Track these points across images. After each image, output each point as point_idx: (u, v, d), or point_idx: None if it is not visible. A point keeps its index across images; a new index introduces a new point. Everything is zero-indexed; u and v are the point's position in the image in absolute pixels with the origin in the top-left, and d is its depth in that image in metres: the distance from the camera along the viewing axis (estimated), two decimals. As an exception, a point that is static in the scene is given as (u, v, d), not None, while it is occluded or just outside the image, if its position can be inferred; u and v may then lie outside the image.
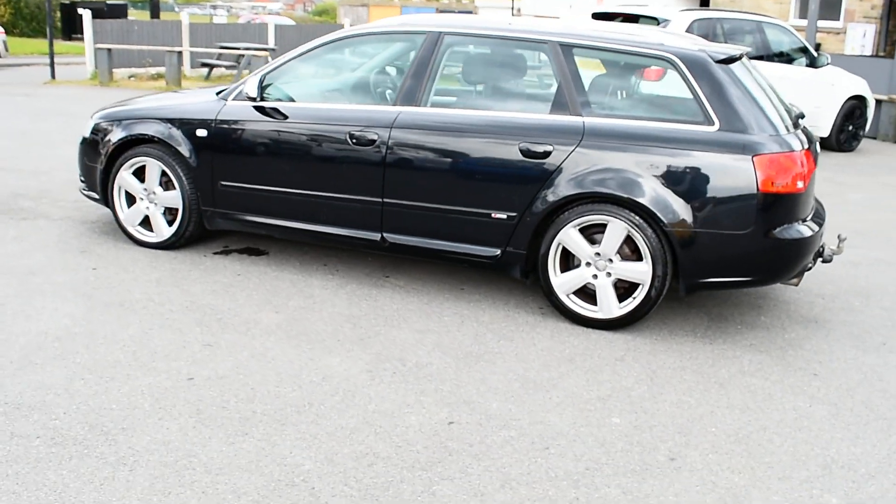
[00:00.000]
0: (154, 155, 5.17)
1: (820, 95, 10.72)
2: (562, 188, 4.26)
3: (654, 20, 10.10)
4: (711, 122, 4.12)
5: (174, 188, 5.18)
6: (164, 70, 15.22)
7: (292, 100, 4.98)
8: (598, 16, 11.04)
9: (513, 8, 29.45)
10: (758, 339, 4.35)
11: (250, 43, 16.71)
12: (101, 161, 5.35)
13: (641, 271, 4.20)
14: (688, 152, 4.11)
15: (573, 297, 4.39)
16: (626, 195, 4.14)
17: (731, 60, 4.27)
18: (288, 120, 4.83)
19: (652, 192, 4.11)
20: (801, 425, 3.47)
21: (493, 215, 4.43)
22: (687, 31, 9.92)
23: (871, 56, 17.11)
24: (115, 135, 5.28)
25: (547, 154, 4.28)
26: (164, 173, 5.19)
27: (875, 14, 18.92)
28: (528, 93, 4.64)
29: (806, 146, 4.23)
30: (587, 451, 3.17)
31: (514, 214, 4.39)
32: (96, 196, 5.52)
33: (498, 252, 4.48)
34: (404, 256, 4.86)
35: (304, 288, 4.76)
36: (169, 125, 5.13)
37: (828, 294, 5.09)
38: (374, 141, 4.58)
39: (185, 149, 5.07)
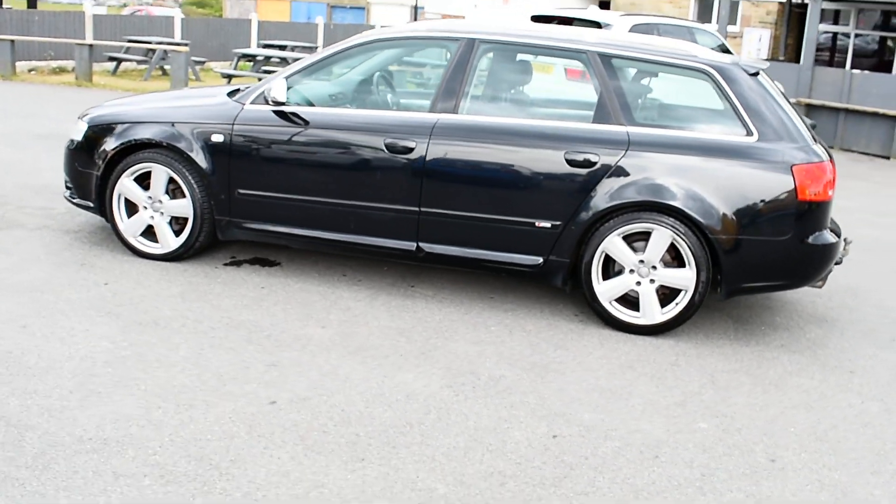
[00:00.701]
0: (161, 161, 4.89)
1: None
2: (608, 197, 4.33)
3: (597, 24, 10.36)
4: (750, 133, 4.30)
5: (182, 196, 4.92)
6: (66, 64, 14.32)
7: (313, 104, 4.84)
8: (537, 18, 11.23)
9: (416, 7, 29.45)
10: (785, 340, 4.58)
11: (158, 37, 15.96)
12: (97, 167, 5.01)
13: (686, 277, 4.34)
14: (729, 161, 4.27)
15: (615, 303, 4.48)
16: (672, 203, 4.26)
17: (758, 73, 4.48)
18: (315, 126, 4.68)
19: (696, 201, 4.25)
20: (865, 421, 3.70)
21: (536, 224, 4.46)
22: (630, 32, 10.27)
23: (781, 60, 18.11)
24: (116, 139, 4.95)
25: (593, 163, 4.34)
26: (170, 181, 4.92)
27: (770, 20, 20.15)
28: (567, 101, 4.69)
29: (829, 156, 4.49)
30: (694, 458, 3.27)
31: (558, 223, 4.43)
32: (89, 205, 5.16)
33: (541, 260, 4.52)
34: (438, 266, 4.82)
35: (337, 300, 4.63)
36: (179, 129, 4.86)
37: (823, 293, 5.41)
38: (411, 149, 4.51)
39: (198, 155, 4.82)
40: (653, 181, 4.30)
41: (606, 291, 4.46)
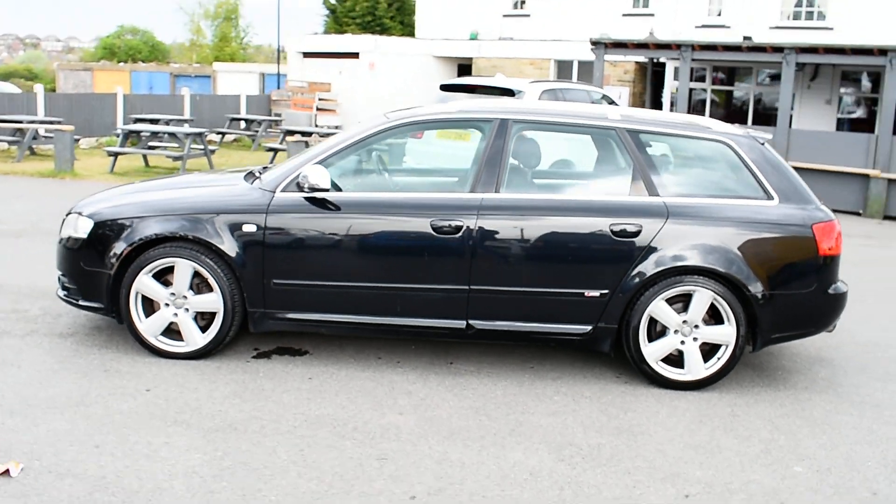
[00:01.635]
0: (186, 255, 4.67)
1: None
2: (654, 264, 4.60)
3: (510, 91, 10.85)
4: (771, 197, 4.73)
5: (208, 290, 4.72)
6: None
7: (340, 188, 4.81)
8: (446, 87, 11.59)
9: (279, 71, 29.24)
10: (806, 383, 4.99)
11: (20, 115, 14.97)
12: (110, 266, 4.71)
13: (726, 333, 4.66)
14: (758, 224, 4.67)
15: (661, 363, 4.72)
16: (712, 266, 4.59)
17: (765, 143, 4.94)
18: (357, 211, 4.66)
19: (732, 262, 4.60)
20: (920, 449, 4.11)
21: (586, 294, 4.65)
22: (539, 99, 10.83)
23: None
24: (133, 234, 4.69)
25: (637, 233, 4.61)
26: (194, 275, 4.71)
27: (628, 78, 21.71)
28: (602, 175, 4.93)
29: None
30: (813, 500, 3.51)
31: (606, 291, 4.64)
32: (96, 306, 4.84)
33: (590, 328, 4.69)
34: (480, 342, 4.87)
35: (392, 385, 4.57)
36: (203, 220, 4.68)
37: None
38: (459, 228, 4.59)
39: (227, 246, 4.65)
40: (692, 247, 4.60)
41: (653, 353, 4.70)
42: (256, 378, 4.58)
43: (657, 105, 20.15)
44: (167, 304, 4.76)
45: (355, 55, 24.21)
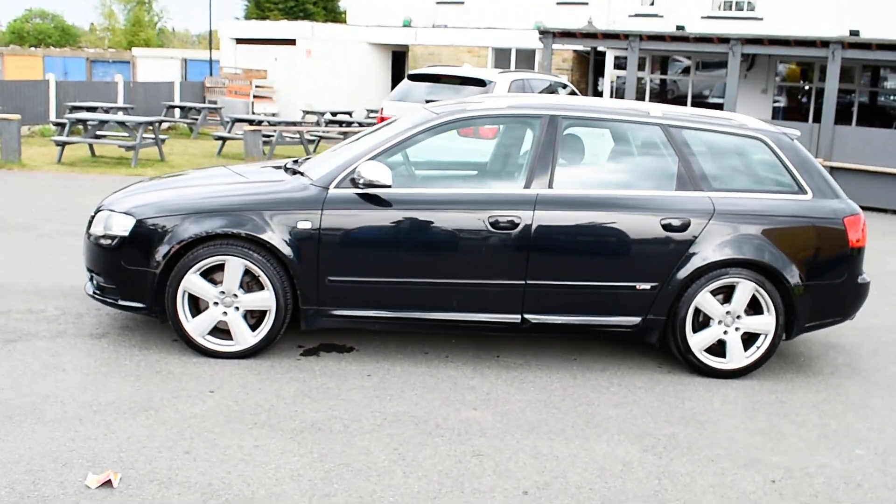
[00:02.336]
0: (237, 252, 4.57)
1: None
2: (702, 257, 4.76)
3: (481, 82, 10.92)
4: (805, 192, 4.95)
5: (259, 288, 4.63)
6: None
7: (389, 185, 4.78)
8: (414, 76, 11.56)
9: (211, 57, 28.37)
10: (831, 367, 5.24)
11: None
12: (155, 264, 4.56)
13: (767, 323, 4.87)
14: (795, 218, 4.88)
15: (704, 353, 4.89)
16: (755, 259, 4.78)
17: (794, 139, 5.16)
18: (414, 207, 4.65)
19: (773, 255, 4.80)
20: (957, 428, 4.41)
21: (637, 287, 4.77)
22: (509, 90, 10.94)
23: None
24: (181, 232, 4.56)
25: (686, 227, 4.75)
26: (245, 272, 4.61)
27: (566, 66, 22.01)
28: (648, 171, 5.03)
29: None
30: (887, 482, 3.74)
31: (656, 284, 4.78)
32: (137, 306, 4.68)
33: (639, 320, 4.82)
34: (537, 336, 4.95)
35: (454, 381, 4.59)
36: (254, 217, 4.58)
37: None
38: (516, 224, 4.64)
39: (281, 243, 4.57)
40: (736, 240, 4.78)
41: (699, 343, 4.86)
42: (315, 376, 4.52)
43: (596, 94, 20.56)
44: (216, 303, 4.65)
45: (292, 42, 23.78)
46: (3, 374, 4.30)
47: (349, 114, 20.57)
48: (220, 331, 4.71)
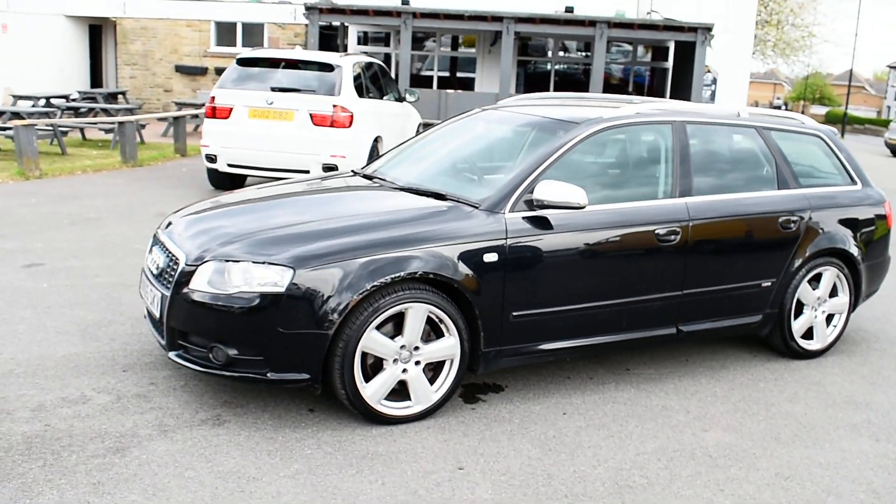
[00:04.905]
0: (422, 297, 3.88)
1: (405, 125, 12.42)
2: (805, 250, 5.08)
3: (329, 66, 10.18)
4: (855, 182, 5.50)
5: (439, 336, 4.00)
6: None
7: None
8: (244, 61, 10.39)
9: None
10: (849, 351, 5.92)
11: None
12: (327, 323, 3.70)
13: (843, 303, 5.38)
14: (859, 208, 5.40)
15: (800, 337, 5.25)
16: (840, 247, 5.23)
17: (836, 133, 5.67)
18: (594, 227, 4.31)
19: (851, 242, 5.29)
20: None
21: (762, 284, 4.96)
22: (354, 71, 10.37)
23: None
24: (359, 278, 3.73)
25: (796, 223, 5.02)
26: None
27: (299, 41, 21.09)
28: (754, 172, 5.14)
29: None
30: None
31: (774, 280, 5.01)
32: (297, 378, 3.77)
33: (760, 317, 5.02)
34: (692, 342, 4.91)
35: (633, 401, 4.40)
36: (437, 252, 3.93)
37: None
38: (676, 234, 4.54)
39: (466, 281, 3.98)
40: (826, 232, 5.18)
41: (798, 329, 5.21)
42: (494, 424, 4.02)
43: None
44: (395, 361, 3.90)
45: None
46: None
47: (66, 97, 17.90)
48: (391, 392, 3.98)
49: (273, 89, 10.03)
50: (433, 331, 4.01)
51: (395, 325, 3.92)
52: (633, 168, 4.81)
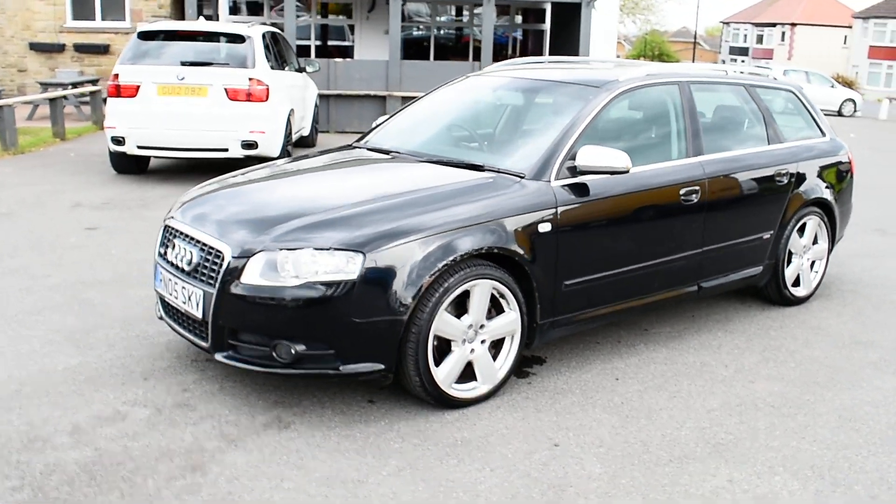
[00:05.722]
0: (486, 274, 3.75)
1: (305, 96, 12.02)
2: (794, 202, 5.31)
3: (241, 38, 9.61)
4: (824, 134, 5.78)
5: (498, 312, 3.89)
6: None
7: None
8: (146, 35, 9.61)
9: None
10: (854, 307, 6.26)
11: None
12: (402, 308, 3.51)
13: (824, 249, 5.70)
14: (829, 158, 5.69)
15: (791, 286, 5.49)
16: (822, 197, 5.50)
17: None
18: (632, 188, 4.32)
19: (828, 192, 5.57)
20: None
21: (763, 237, 5.15)
22: (263, 41, 9.87)
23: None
24: (429, 258, 3.57)
25: (786, 177, 5.22)
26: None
27: (164, 13, 19.77)
28: (749, 129, 5.26)
29: None
30: None
31: (772, 232, 5.20)
32: (372, 368, 3.56)
33: (761, 268, 5.22)
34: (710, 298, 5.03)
35: (678, 363, 4.47)
36: (496, 226, 3.80)
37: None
38: (696, 194, 4.61)
39: (525, 254, 3.87)
40: (809, 184, 5.43)
41: (790, 277, 5.46)
42: (562, 395, 3.99)
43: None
44: (464, 341, 3.76)
45: None
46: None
47: None
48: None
49: (183, 63, 9.36)
50: (493, 307, 3.89)
51: (457, 304, 3.77)
52: (653, 129, 4.83)
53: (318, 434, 3.54)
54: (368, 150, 4.85)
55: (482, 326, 3.82)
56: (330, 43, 21.40)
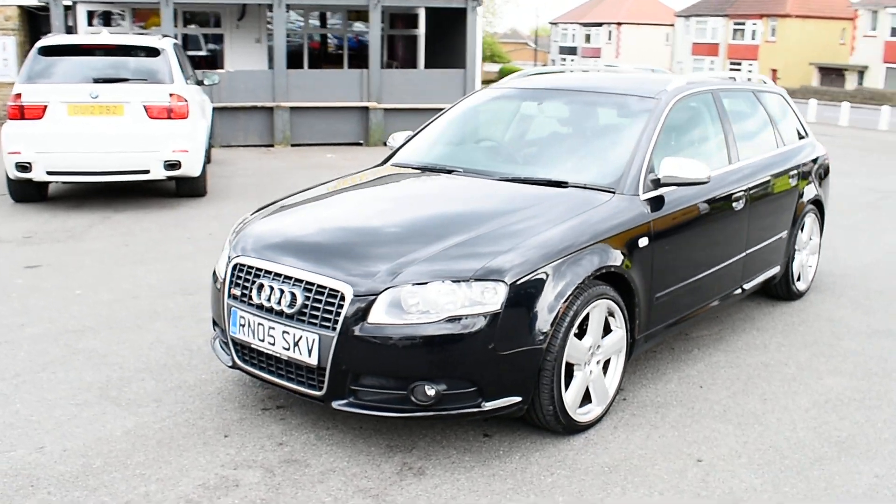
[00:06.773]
0: (604, 294, 3.68)
1: (205, 109, 11.37)
2: (801, 201, 5.58)
3: (155, 51, 8.91)
4: (808, 135, 6.09)
5: (607, 331, 3.81)
6: None
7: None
8: (48, 50, 8.67)
9: None
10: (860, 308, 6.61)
11: None
12: (542, 336, 3.36)
13: (816, 244, 6.03)
14: (817, 158, 5.99)
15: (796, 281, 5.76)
16: (818, 196, 5.81)
17: (782, 92, 6.21)
18: (708, 195, 4.41)
19: (819, 189, 5.88)
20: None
21: (782, 236, 5.37)
22: (175, 50, 9.30)
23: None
24: (560, 282, 3.44)
25: (796, 178, 5.47)
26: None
27: (11, 26, 18.00)
28: (763, 133, 5.40)
29: None
30: None
31: (786, 231, 5.43)
32: (513, 402, 3.38)
33: (779, 267, 5.43)
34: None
35: (741, 365, 4.55)
36: (607, 246, 3.73)
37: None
38: (742, 198, 4.73)
39: (631, 270, 3.81)
40: (809, 184, 5.71)
41: (796, 272, 5.72)
42: (717, 403, 3.98)
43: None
44: (585, 364, 3.64)
45: None
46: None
47: None
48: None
49: (96, 80, 8.55)
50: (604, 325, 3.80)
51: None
52: (699, 137, 4.88)
53: (460, 477, 3.31)
54: (415, 168, 4.60)
55: (598, 347, 3.73)
56: (190, 53, 20.36)
